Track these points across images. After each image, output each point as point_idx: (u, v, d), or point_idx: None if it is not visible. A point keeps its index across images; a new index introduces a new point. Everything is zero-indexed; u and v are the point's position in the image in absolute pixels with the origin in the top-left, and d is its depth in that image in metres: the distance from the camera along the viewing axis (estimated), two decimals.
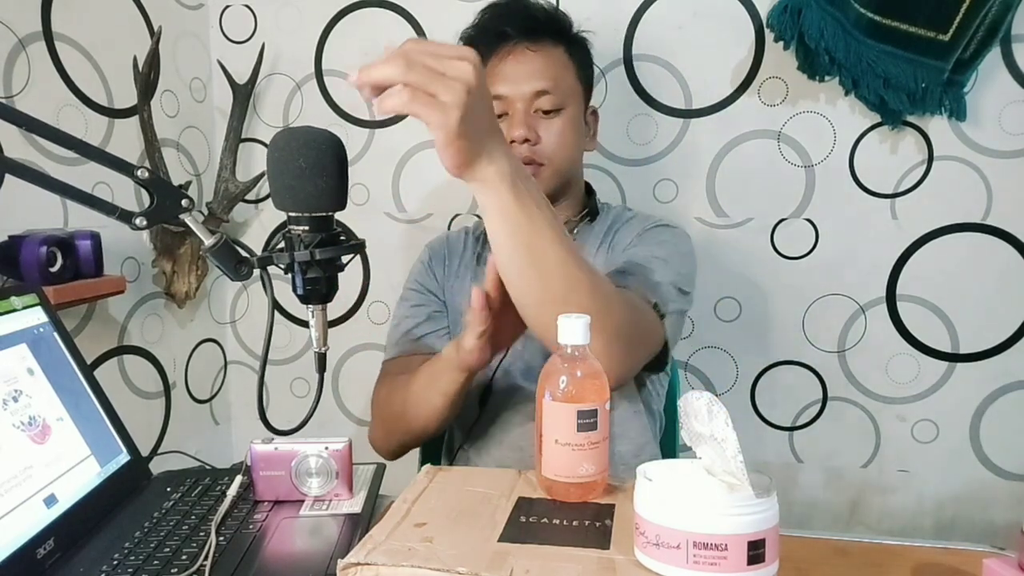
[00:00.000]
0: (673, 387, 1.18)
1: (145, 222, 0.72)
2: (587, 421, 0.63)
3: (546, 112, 1.02)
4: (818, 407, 1.45)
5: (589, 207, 1.12)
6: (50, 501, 0.68)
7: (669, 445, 1.17)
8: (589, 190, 1.16)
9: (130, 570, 0.63)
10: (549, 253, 0.70)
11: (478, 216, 1.16)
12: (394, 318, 1.13)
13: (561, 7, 1.15)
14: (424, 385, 0.93)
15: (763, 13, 1.35)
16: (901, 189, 1.36)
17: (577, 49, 1.09)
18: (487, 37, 1.05)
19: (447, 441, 1.14)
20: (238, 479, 0.77)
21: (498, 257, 0.73)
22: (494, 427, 1.03)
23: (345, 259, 0.77)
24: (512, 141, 0.99)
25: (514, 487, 0.68)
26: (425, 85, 0.60)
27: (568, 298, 0.71)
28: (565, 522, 0.61)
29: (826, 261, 1.40)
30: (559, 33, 1.06)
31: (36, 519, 0.65)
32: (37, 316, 0.78)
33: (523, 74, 1.02)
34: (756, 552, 0.50)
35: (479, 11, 1.10)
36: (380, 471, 0.84)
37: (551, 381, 0.65)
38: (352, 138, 1.55)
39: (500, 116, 1.01)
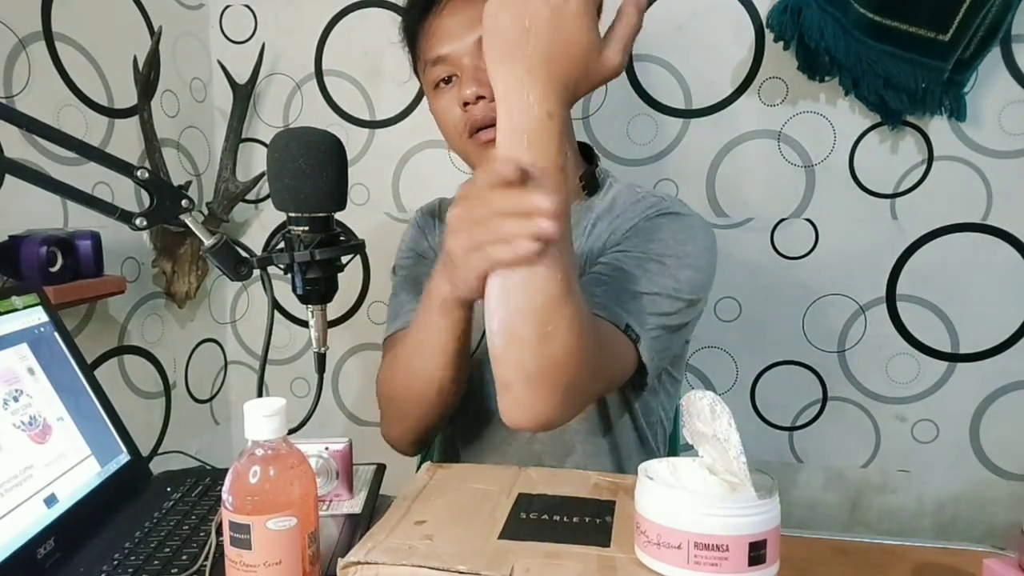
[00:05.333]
0: None
1: (145, 222, 0.72)
2: None
3: None
4: (818, 407, 1.45)
5: (586, 177, 0.94)
6: (50, 501, 0.68)
7: (670, 445, 1.16)
8: (588, 154, 0.99)
9: (130, 570, 0.63)
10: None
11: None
12: (391, 292, 1.04)
13: None
14: (421, 341, 0.81)
15: (763, 13, 1.34)
16: (901, 189, 1.36)
17: None
18: None
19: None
20: None
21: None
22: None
23: (345, 259, 0.77)
24: (465, 104, 0.85)
25: (514, 484, 0.68)
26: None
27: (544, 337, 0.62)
28: (565, 519, 0.61)
29: (826, 261, 1.40)
30: None
31: (36, 519, 0.65)
32: (37, 316, 0.78)
33: (461, 25, 0.87)
34: (757, 553, 0.50)
35: None
36: (380, 471, 0.84)
37: None
38: (352, 138, 1.55)
39: (448, 79, 0.88)
